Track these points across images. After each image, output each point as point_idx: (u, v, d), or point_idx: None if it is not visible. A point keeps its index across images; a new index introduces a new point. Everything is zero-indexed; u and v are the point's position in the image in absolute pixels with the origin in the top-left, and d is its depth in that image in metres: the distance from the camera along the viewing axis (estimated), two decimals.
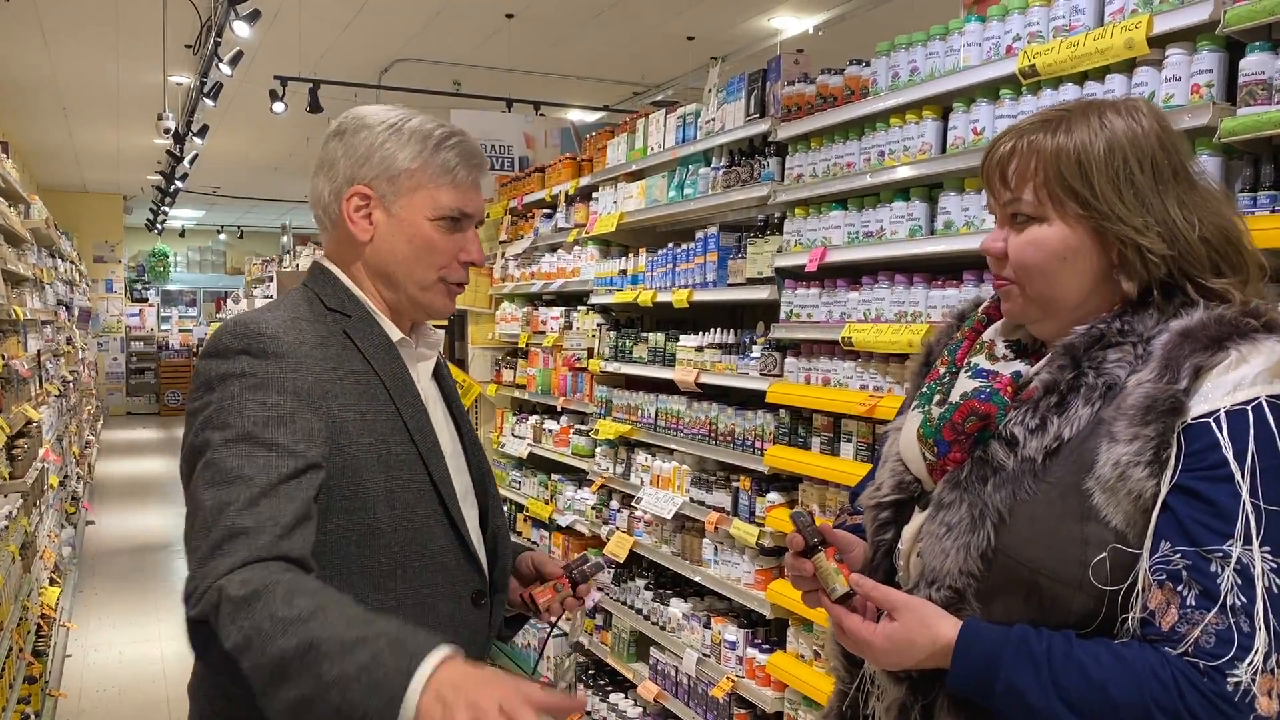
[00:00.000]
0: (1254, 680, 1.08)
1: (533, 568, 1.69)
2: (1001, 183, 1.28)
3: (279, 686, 1.11)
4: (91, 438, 11.60)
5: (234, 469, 1.26)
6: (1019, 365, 1.33)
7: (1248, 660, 1.08)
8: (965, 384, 1.35)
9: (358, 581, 1.37)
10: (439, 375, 1.63)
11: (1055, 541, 1.17)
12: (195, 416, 1.34)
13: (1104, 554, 1.15)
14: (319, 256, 1.59)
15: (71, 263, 12.19)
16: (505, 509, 5.52)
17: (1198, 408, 1.14)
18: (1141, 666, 1.11)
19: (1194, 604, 1.10)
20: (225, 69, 6.56)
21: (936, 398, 1.37)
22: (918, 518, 1.35)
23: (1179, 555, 1.12)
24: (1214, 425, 1.13)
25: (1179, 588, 1.11)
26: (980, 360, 1.37)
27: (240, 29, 5.75)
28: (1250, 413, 1.13)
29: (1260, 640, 1.08)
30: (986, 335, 1.41)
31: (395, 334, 1.52)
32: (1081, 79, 2.24)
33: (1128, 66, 2.13)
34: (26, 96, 9.85)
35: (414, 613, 1.41)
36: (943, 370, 1.41)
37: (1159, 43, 2.06)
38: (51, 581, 5.73)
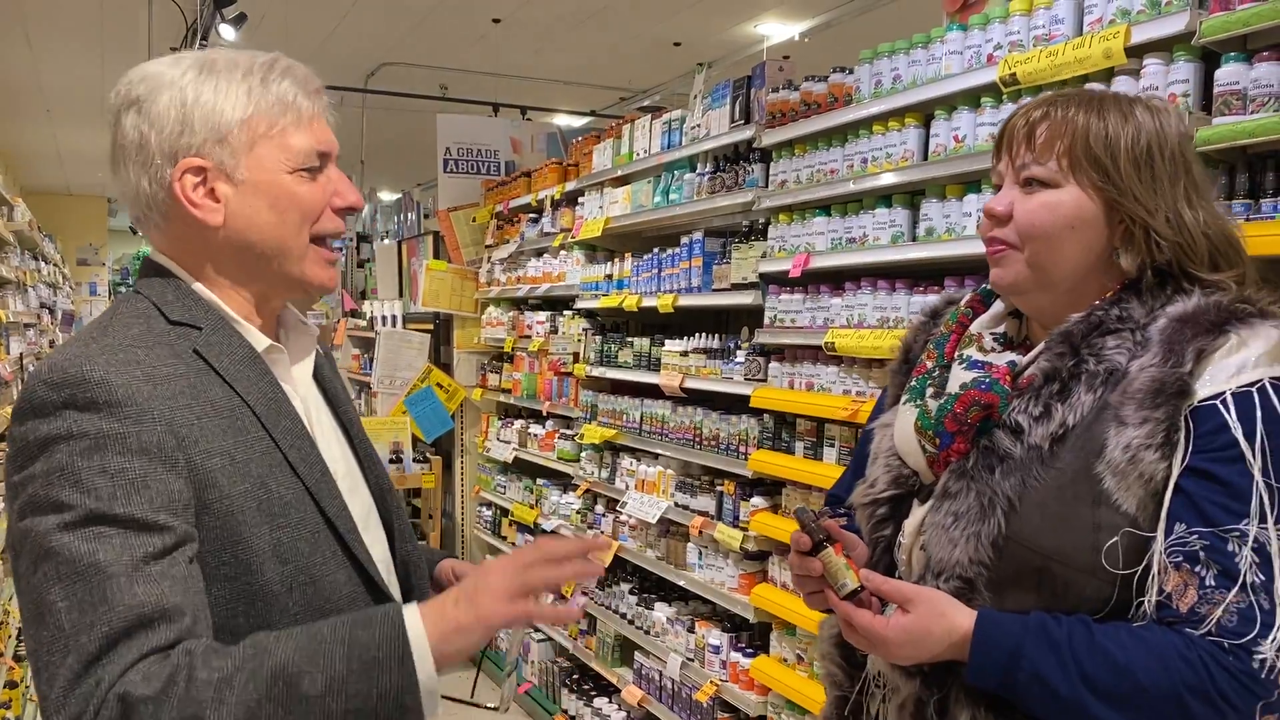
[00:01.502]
0: (1278, 656, 1.09)
1: (454, 577, 1.48)
2: (1026, 143, 1.28)
3: None
4: None
5: (85, 559, 0.99)
6: (1010, 355, 1.34)
7: (1271, 637, 1.09)
8: (961, 375, 1.35)
9: None
10: (321, 376, 1.37)
11: (1067, 527, 1.18)
12: (17, 494, 1.06)
13: (1116, 538, 1.16)
14: (151, 253, 1.26)
15: (55, 265, 12.13)
16: (490, 513, 5.54)
17: (1203, 390, 1.16)
18: (1167, 649, 1.11)
19: (1213, 584, 1.11)
20: None
21: (930, 390, 1.37)
22: (918, 511, 1.35)
23: (1196, 536, 1.13)
24: (1222, 407, 1.15)
25: (1197, 568, 1.12)
26: (971, 352, 1.37)
27: (226, 32, 5.74)
28: (1255, 394, 1.15)
29: None
30: (974, 328, 1.41)
31: (261, 342, 1.24)
32: (1061, 88, 2.26)
33: (1106, 76, 2.16)
34: (10, 98, 9.80)
35: None
36: (930, 364, 1.41)
37: (1137, 53, 2.08)
38: None
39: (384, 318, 6.30)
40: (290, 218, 1.22)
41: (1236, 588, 1.11)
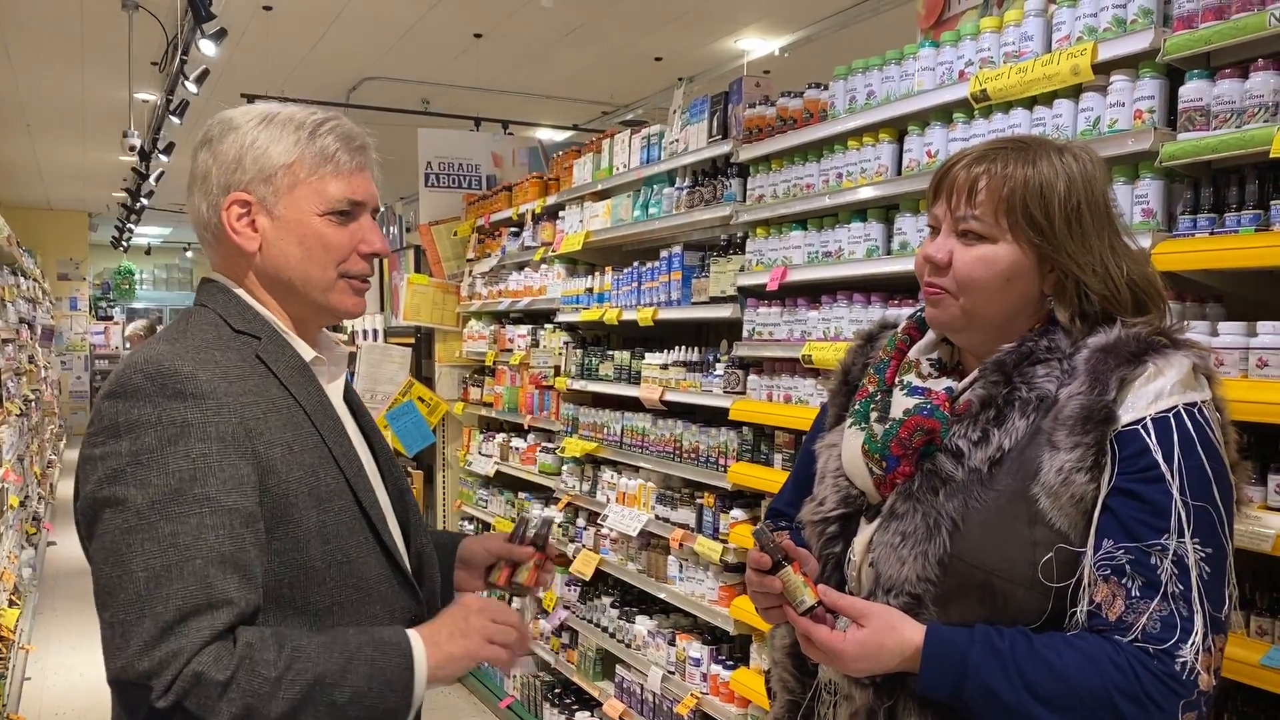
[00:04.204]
0: (1196, 658, 1.18)
1: (484, 550, 1.67)
2: (966, 198, 1.33)
3: None
4: (54, 457, 11.43)
5: (165, 534, 1.18)
6: (947, 381, 1.41)
7: (1190, 642, 1.19)
8: (904, 401, 1.42)
9: (294, 622, 1.30)
10: (347, 390, 1.55)
11: (1007, 544, 1.26)
12: (98, 465, 1.22)
13: (1050, 554, 1.24)
14: (210, 272, 1.47)
15: (35, 280, 12.02)
16: (471, 528, 5.54)
17: (1125, 416, 1.25)
18: (1099, 655, 1.19)
19: (1139, 594, 1.20)
20: (191, 87, 6.53)
21: (874, 414, 1.43)
22: (866, 529, 1.41)
23: (1122, 551, 1.21)
24: (1143, 432, 1.24)
25: (1124, 580, 1.21)
26: (911, 378, 1.44)
27: (206, 47, 5.73)
28: (1172, 420, 1.24)
29: (1198, 623, 1.19)
30: (912, 354, 1.47)
31: (308, 353, 1.43)
32: (1030, 104, 2.30)
33: (1074, 92, 2.19)
34: None
35: None
36: (872, 388, 1.47)
37: (1103, 69, 2.12)
38: (11, 603, 5.64)
39: (365, 331, 6.30)
40: (316, 255, 1.40)
41: (1159, 597, 1.20)
